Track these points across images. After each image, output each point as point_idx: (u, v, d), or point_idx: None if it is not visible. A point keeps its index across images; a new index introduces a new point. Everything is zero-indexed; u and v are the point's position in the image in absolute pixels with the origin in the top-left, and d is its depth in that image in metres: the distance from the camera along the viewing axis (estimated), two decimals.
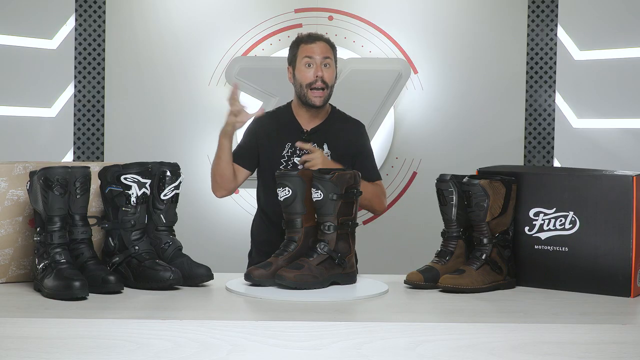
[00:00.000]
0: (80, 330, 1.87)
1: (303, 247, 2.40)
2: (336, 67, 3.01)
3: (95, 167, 2.37)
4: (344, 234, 2.40)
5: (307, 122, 3.00)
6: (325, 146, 2.96)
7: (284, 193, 2.42)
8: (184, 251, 2.43)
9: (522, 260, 2.43)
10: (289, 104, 3.08)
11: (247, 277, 2.35)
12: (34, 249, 2.28)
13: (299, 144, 2.88)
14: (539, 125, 4.74)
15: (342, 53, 4.68)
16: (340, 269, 2.38)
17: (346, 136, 3.01)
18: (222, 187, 3.01)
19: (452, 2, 4.77)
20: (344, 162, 2.92)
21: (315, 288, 2.30)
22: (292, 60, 3.01)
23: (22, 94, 4.60)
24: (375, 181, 3.04)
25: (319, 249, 2.36)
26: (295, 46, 3.01)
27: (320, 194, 2.36)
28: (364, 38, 4.72)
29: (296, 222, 2.41)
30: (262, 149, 3.00)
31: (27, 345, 1.86)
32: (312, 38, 2.98)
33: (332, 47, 3.00)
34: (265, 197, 3.03)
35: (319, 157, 2.79)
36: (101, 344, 1.86)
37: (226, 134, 2.90)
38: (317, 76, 2.92)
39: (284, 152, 2.96)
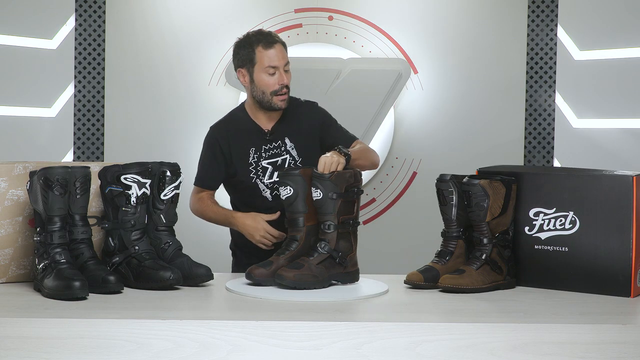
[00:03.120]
0: (80, 330, 1.87)
1: (305, 246, 2.40)
2: None
3: (95, 167, 2.37)
4: (346, 233, 2.40)
5: (266, 122, 2.92)
6: (287, 140, 2.90)
7: (286, 192, 2.41)
8: (184, 251, 2.43)
9: (522, 260, 2.43)
10: (242, 107, 2.98)
11: (248, 276, 2.35)
12: (34, 249, 2.28)
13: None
14: (539, 125, 4.74)
15: (342, 53, 4.70)
16: (341, 268, 2.38)
17: (303, 122, 2.94)
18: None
19: (452, 2, 4.77)
20: (312, 146, 2.88)
21: (315, 288, 2.31)
22: (246, 63, 2.88)
23: (22, 94, 4.60)
24: (354, 141, 2.94)
25: (319, 248, 2.36)
26: (250, 48, 2.86)
27: (320, 193, 2.36)
28: (364, 38, 4.72)
29: (298, 221, 2.42)
30: (229, 160, 2.92)
31: (27, 345, 1.86)
32: (270, 41, 2.85)
33: (286, 46, 2.90)
34: (241, 202, 2.99)
35: (335, 161, 2.53)
36: (101, 344, 1.87)
37: (237, 224, 2.88)
38: (281, 84, 2.84)
39: (250, 158, 2.89)
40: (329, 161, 2.51)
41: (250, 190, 2.92)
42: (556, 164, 4.70)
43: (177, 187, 2.44)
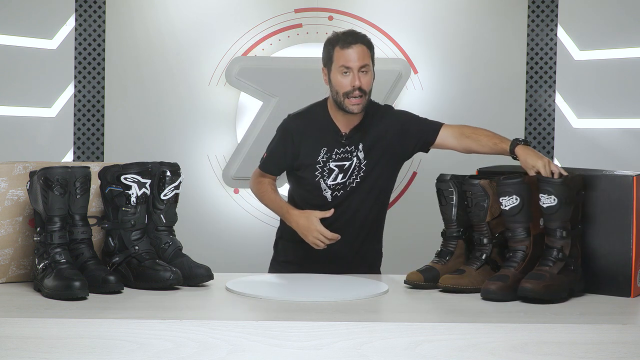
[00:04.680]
0: (80, 330, 1.87)
1: (533, 256, 2.28)
2: (374, 65, 2.85)
3: (95, 167, 2.37)
4: (574, 238, 2.29)
5: (345, 124, 2.86)
6: (360, 145, 2.85)
7: (510, 202, 2.27)
8: (184, 251, 2.43)
9: None
10: (324, 103, 2.93)
11: (485, 292, 2.22)
12: (34, 249, 2.28)
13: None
14: (539, 125, 4.74)
15: None
16: (576, 276, 2.27)
17: (380, 128, 2.88)
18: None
19: (452, 2, 4.77)
20: (382, 152, 2.85)
21: (560, 298, 2.20)
22: (327, 62, 2.85)
23: (22, 94, 4.60)
24: (442, 126, 2.91)
25: (554, 257, 2.24)
26: (331, 47, 2.83)
27: (554, 200, 2.23)
28: None
29: (523, 231, 2.28)
30: (297, 154, 2.88)
31: (27, 345, 1.86)
32: (349, 41, 2.78)
33: (370, 48, 2.82)
34: (299, 195, 2.96)
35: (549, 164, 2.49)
36: (101, 344, 1.87)
37: (291, 221, 2.82)
38: (353, 86, 2.76)
39: (319, 157, 2.84)
40: (543, 162, 2.44)
41: (312, 187, 2.87)
42: (556, 163, 4.69)
43: (177, 187, 2.44)
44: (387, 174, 2.91)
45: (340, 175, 2.85)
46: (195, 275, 2.35)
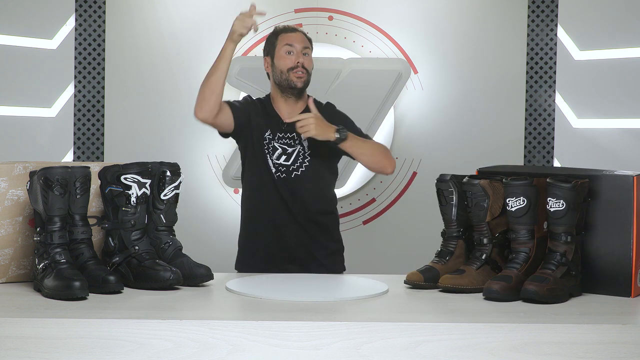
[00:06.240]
0: (80, 330, 1.87)
1: (535, 259, 2.28)
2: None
3: (95, 167, 2.37)
4: (576, 244, 2.29)
5: (286, 114, 3.06)
6: (302, 135, 2.97)
7: (517, 203, 2.27)
8: (184, 251, 2.43)
9: None
10: (268, 97, 3.14)
11: (488, 291, 2.22)
12: (34, 249, 2.28)
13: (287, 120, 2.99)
14: (539, 125, 4.74)
15: (342, 53, 4.70)
16: (575, 281, 2.27)
17: None
18: (208, 104, 2.95)
19: (452, 2, 4.77)
20: (324, 144, 2.96)
21: (561, 302, 2.19)
22: (270, 50, 3.09)
23: (22, 94, 4.60)
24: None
25: (558, 261, 2.23)
26: (274, 37, 3.09)
27: (562, 204, 2.22)
28: (364, 38, 4.72)
29: (527, 233, 2.28)
30: (249, 125, 3.05)
31: (27, 345, 1.86)
32: (292, 29, 3.10)
33: (310, 41, 3.11)
34: (250, 177, 3.09)
35: (312, 123, 2.86)
36: (101, 344, 1.86)
37: (232, 40, 2.95)
38: (298, 62, 3.01)
39: (266, 134, 3.03)
40: (306, 119, 2.83)
41: (260, 161, 3.03)
42: (556, 164, 4.70)
43: (177, 187, 2.44)
44: (328, 165, 3.08)
45: (284, 157, 3.02)
46: (195, 275, 2.35)
